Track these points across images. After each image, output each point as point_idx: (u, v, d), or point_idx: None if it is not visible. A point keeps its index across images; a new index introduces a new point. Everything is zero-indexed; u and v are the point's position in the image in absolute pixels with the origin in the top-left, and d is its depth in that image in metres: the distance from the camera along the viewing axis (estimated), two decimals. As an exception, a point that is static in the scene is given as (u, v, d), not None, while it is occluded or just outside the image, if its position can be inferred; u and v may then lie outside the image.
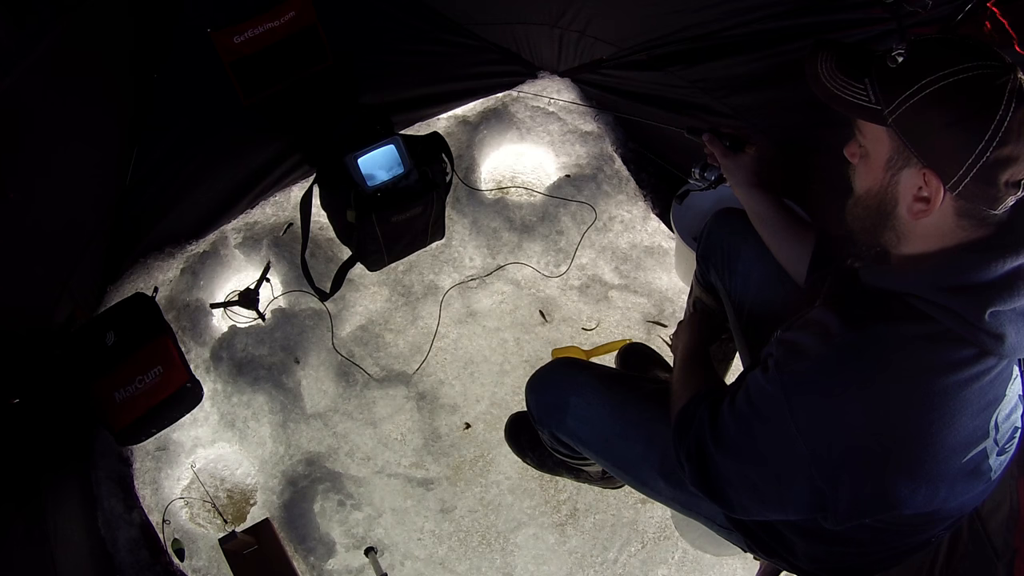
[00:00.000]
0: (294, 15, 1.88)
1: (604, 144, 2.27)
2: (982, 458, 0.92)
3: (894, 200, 0.92)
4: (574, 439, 1.41)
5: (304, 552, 1.77)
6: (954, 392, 0.86)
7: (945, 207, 0.88)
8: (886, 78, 0.89)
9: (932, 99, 0.84)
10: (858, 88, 0.92)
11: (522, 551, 1.85)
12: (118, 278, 1.92)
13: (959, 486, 0.93)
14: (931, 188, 0.87)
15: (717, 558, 1.84)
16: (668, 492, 1.31)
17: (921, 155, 0.87)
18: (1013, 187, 0.84)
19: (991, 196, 0.85)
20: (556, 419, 1.42)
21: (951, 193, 0.86)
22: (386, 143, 1.81)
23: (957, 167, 0.84)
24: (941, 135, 0.84)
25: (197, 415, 1.84)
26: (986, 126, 0.81)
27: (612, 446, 1.36)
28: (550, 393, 1.45)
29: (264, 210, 2.12)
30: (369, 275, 2.11)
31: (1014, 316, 0.86)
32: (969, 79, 0.83)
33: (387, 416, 1.96)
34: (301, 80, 1.99)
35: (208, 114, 1.95)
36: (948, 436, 0.87)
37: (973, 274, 0.86)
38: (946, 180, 0.85)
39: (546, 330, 2.10)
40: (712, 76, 1.91)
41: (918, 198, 0.89)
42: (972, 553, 1.47)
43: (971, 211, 0.87)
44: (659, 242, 2.21)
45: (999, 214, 0.87)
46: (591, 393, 1.38)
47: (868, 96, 0.91)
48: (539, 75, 2.30)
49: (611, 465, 1.39)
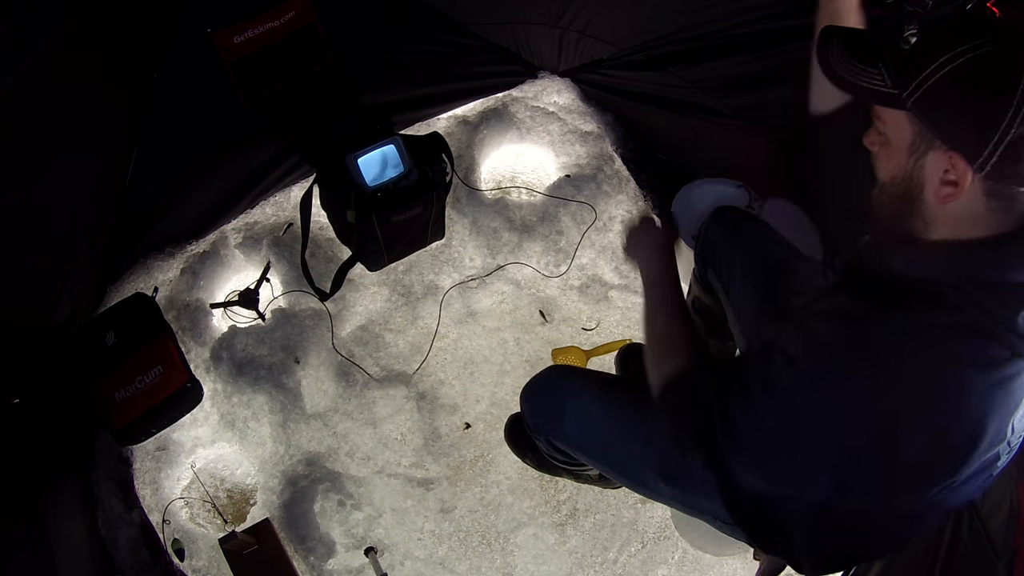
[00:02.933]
0: (294, 15, 1.88)
1: (604, 144, 2.27)
2: (993, 460, 0.90)
3: (920, 185, 0.88)
4: (571, 445, 1.40)
5: (304, 552, 1.77)
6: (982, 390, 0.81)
7: (974, 189, 0.83)
8: (901, 61, 0.86)
9: (951, 78, 0.81)
10: (873, 73, 0.88)
11: (522, 551, 1.85)
12: (118, 278, 1.92)
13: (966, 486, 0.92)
14: (958, 170, 0.83)
15: (717, 558, 1.84)
16: (668, 492, 1.31)
17: (944, 137, 0.83)
18: None
19: (1021, 174, 0.80)
20: (552, 426, 1.41)
21: (979, 174, 0.81)
22: (386, 143, 1.81)
23: (983, 146, 0.79)
24: (963, 114, 0.81)
25: (197, 415, 1.84)
26: (1009, 100, 0.77)
27: (609, 450, 1.35)
28: (545, 400, 1.44)
29: (264, 210, 2.12)
30: (369, 275, 2.11)
31: None
32: (986, 54, 0.79)
33: (387, 416, 1.96)
34: (301, 80, 2.00)
35: (208, 114, 1.95)
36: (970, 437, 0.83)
37: (1009, 271, 0.82)
38: (972, 160, 0.81)
39: (546, 330, 2.10)
40: (712, 76, 1.91)
41: (945, 181, 0.84)
42: (972, 553, 1.47)
43: (1002, 192, 0.83)
44: (659, 242, 2.21)
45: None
46: (587, 397, 1.37)
47: (884, 81, 0.87)
48: (539, 75, 2.30)
49: (609, 469, 1.38)
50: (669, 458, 1.26)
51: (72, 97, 1.63)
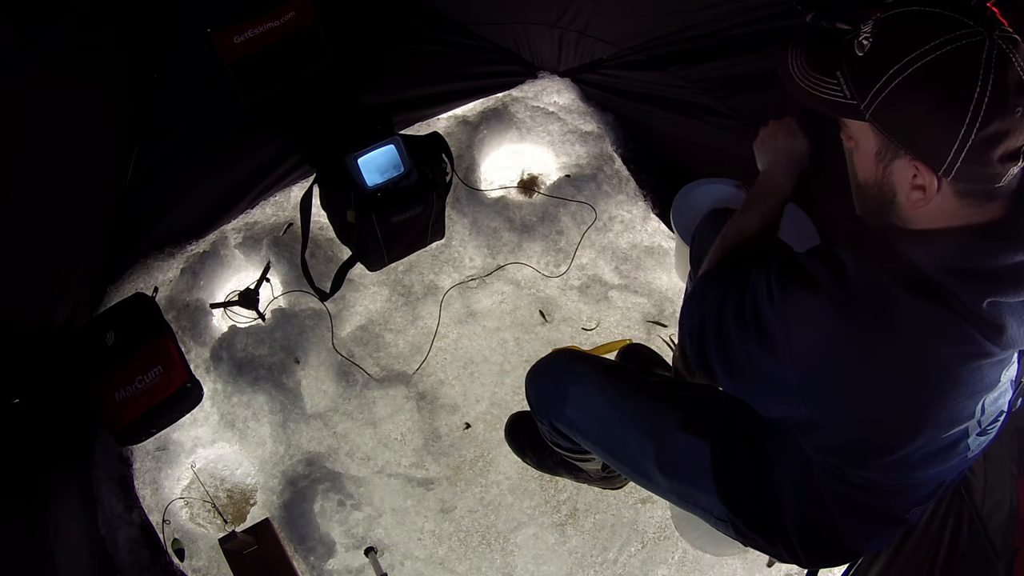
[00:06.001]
0: (294, 15, 1.88)
1: (604, 144, 2.27)
2: (961, 436, 0.93)
3: (892, 190, 0.89)
4: (573, 429, 1.41)
5: (304, 552, 1.77)
6: (953, 370, 0.84)
7: (944, 191, 0.84)
8: (857, 69, 0.85)
9: (905, 86, 0.80)
10: (832, 84, 0.88)
11: (522, 551, 1.85)
12: (118, 278, 1.93)
13: (933, 459, 0.95)
14: (925, 177, 0.84)
15: (717, 558, 1.84)
16: (665, 484, 1.31)
17: (906, 146, 0.84)
18: (1011, 159, 0.80)
19: (988, 174, 0.81)
20: (555, 408, 1.42)
21: (946, 179, 0.83)
22: (386, 143, 1.81)
23: (945, 153, 0.80)
24: (921, 123, 0.81)
25: (197, 415, 1.84)
26: (966, 105, 0.77)
27: (610, 436, 1.36)
28: (550, 383, 1.44)
29: (264, 210, 2.12)
30: (369, 275, 2.11)
31: (1018, 308, 0.83)
32: (940, 57, 0.78)
33: (387, 416, 1.96)
34: (301, 80, 2.00)
35: (208, 114, 1.95)
36: (937, 410, 0.87)
37: (977, 260, 0.84)
38: (937, 168, 0.82)
39: (546, 330, 2.10)
40: (712, 76, 1.91)
41: (914, 187, 0.86)
42: (972, 553, 1.48)
43: (972, 191, 0.84)
44: (659, 242, 2.21)
45: (1005, 187, 0.84)
46: (590, 383, 1.38)
47: (843, 91, 0.87)
48: (539, 75, 2.30)
49: (609, 455, 1.39)
50: (667, 447, 1.28)
51: (72, 97, 1.63)
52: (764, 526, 1.20)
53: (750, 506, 1.20)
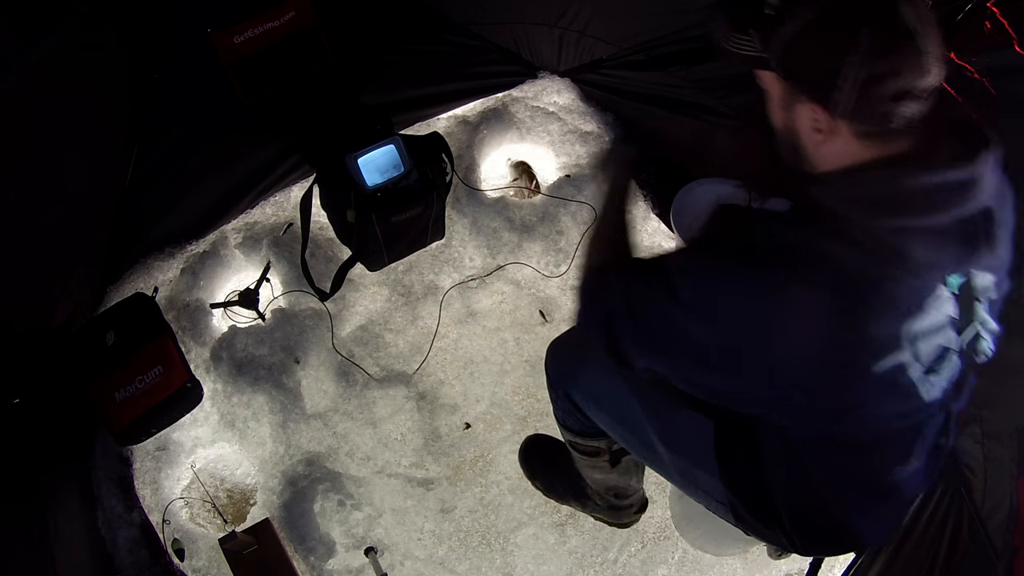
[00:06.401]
0: (294, 15, 1.88)
1: (604, 144, 2.27)
2: (898, 371, 0.94)
3: (797, 135, 0.98)
4: (587, 398, 1.44)
5: (304, 552, 1.77)
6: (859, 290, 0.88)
7: (844, 133, 0.92)
8: (765, 25, 0.94)
9: (802, 35, 0.89)
10: (747, 41, 0.97)
11: (522, 551, 1.85)
12: (118, 278, 1.92)
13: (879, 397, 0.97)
14: (823, 120, 0.92)
15: (717, 558, 1.84)
16: (668, 458, 1.33)
17: (803, 90, 0.92)
18: (904, 98, 0.86)
19: (883, 113, 0.87)
20: (571, 377, 1.46)
21: (843, 120, 0.89)
22: (386, 143, 1.81)
23: (837, 94, 0.87)
24: (814, 67, 0.89)
25: (197, 415, 1.84)
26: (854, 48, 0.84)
27: (618, 406, 1.40)
28: (569, 354, 1.50)
29: (264, 210, 2.12)
30: (369, 275, 2.11)
31: (925, 233, 0.88)
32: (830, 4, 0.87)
33: (387, 416, 1.96)
34: (301, 80, 2.00)
35: (208, 114, 1.95)
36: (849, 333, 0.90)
37: (879, 186, 0.90)
38: (832, 109, 0.89)
39: (546, 330, 2.10)
40: (712, 76, 1.91)
41: (815, 129, 0.94)
42: (972, 553, 1.48)
43: (870, 132, 0.90)
44: (659, 242, 2.21)
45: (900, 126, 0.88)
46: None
47: (755, 46, 0.96)
48: (539, 75, 2.30)
49: (617, 424, 1.41)
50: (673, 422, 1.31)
51: (72, 97, 1.63)
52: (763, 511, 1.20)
53: (749, 488, 1.21)
